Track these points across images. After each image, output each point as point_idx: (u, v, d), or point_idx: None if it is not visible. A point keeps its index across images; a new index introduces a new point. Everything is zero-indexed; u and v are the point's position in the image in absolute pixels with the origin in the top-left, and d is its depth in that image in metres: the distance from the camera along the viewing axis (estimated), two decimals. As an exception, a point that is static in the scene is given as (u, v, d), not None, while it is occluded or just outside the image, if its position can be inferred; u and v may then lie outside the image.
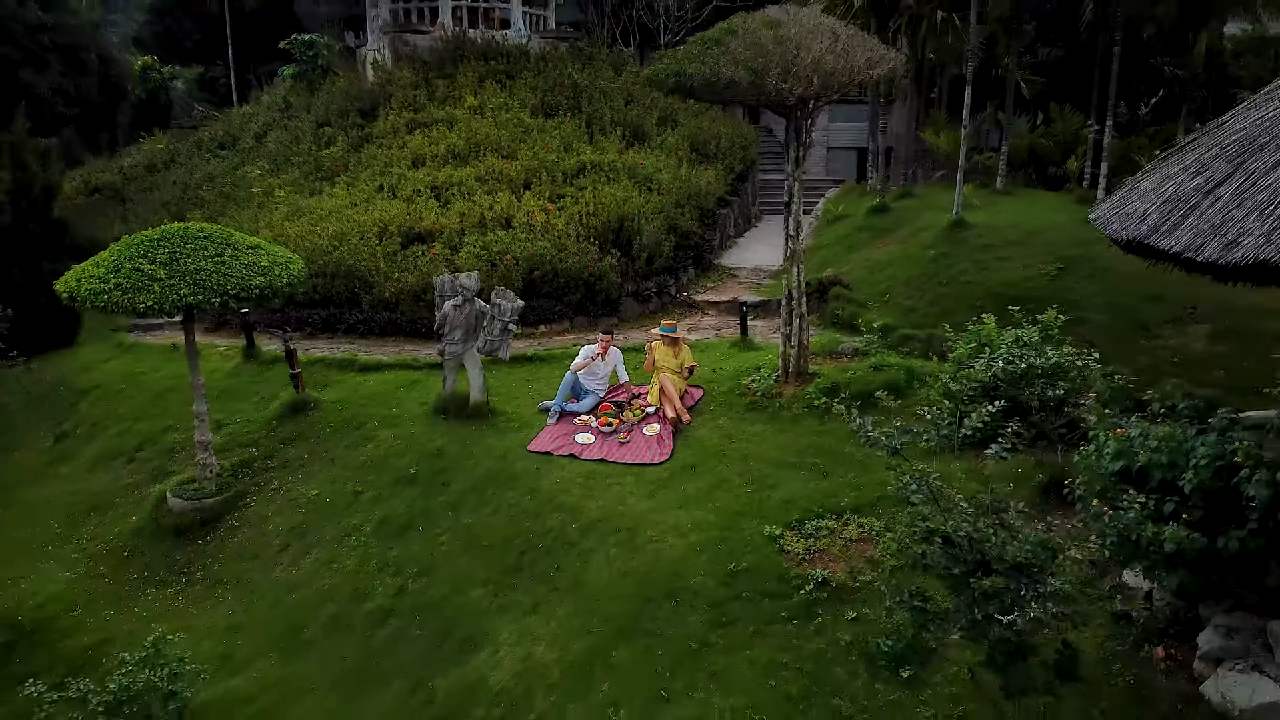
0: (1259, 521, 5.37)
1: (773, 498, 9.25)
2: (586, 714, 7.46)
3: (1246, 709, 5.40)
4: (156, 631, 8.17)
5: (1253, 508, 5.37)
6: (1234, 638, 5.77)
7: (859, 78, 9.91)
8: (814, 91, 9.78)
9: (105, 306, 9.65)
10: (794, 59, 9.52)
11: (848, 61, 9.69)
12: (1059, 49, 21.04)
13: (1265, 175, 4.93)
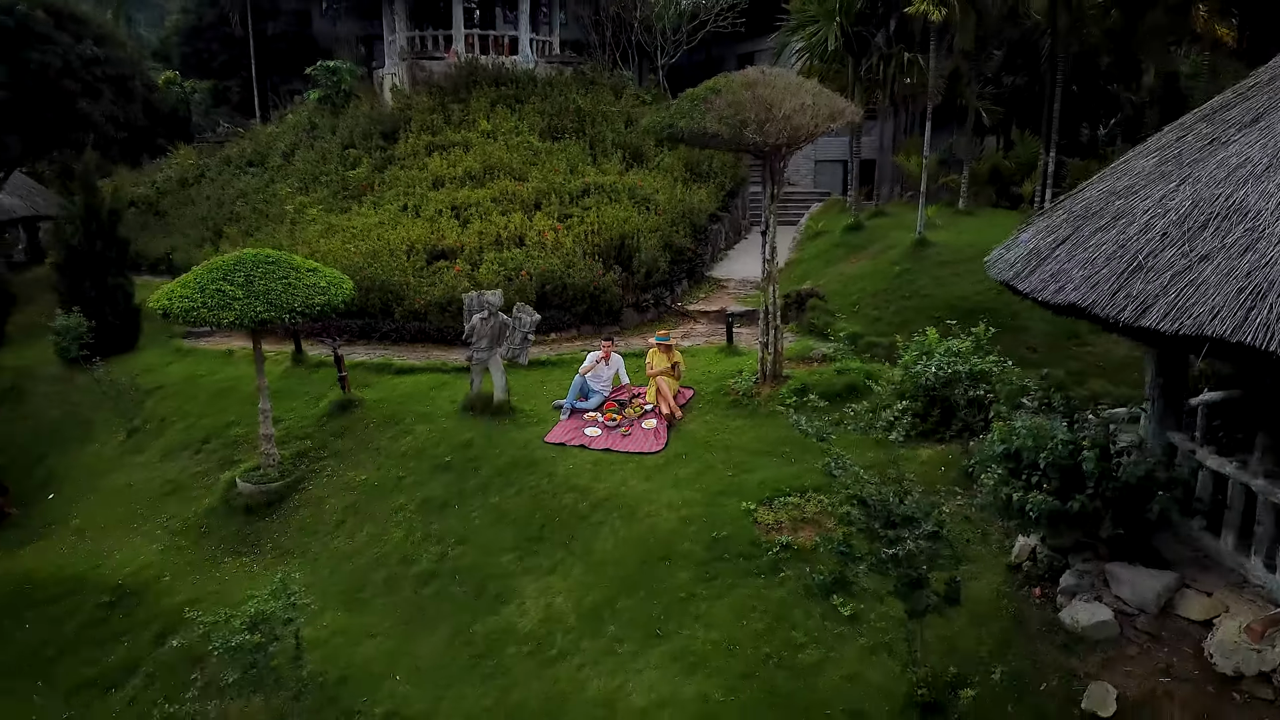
0: (1094, 489, 7.32)
1: (749, 480, 11.20)
2: (597, 649, 9.41)
3: (1087, 626, 7.33)
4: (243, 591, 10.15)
5: (1089, 478, 7.32)
6: (1084, 578, 7.71)
7: (824, 129, 11.85)
8: (785, 141, 11.73)
9: (195, 321, 11.59)
10: (768, 116, 11.46)
11: (813, 116, 11.63)
12: (1022, 77, 22.97)
13: (1089, 239, 6.85)
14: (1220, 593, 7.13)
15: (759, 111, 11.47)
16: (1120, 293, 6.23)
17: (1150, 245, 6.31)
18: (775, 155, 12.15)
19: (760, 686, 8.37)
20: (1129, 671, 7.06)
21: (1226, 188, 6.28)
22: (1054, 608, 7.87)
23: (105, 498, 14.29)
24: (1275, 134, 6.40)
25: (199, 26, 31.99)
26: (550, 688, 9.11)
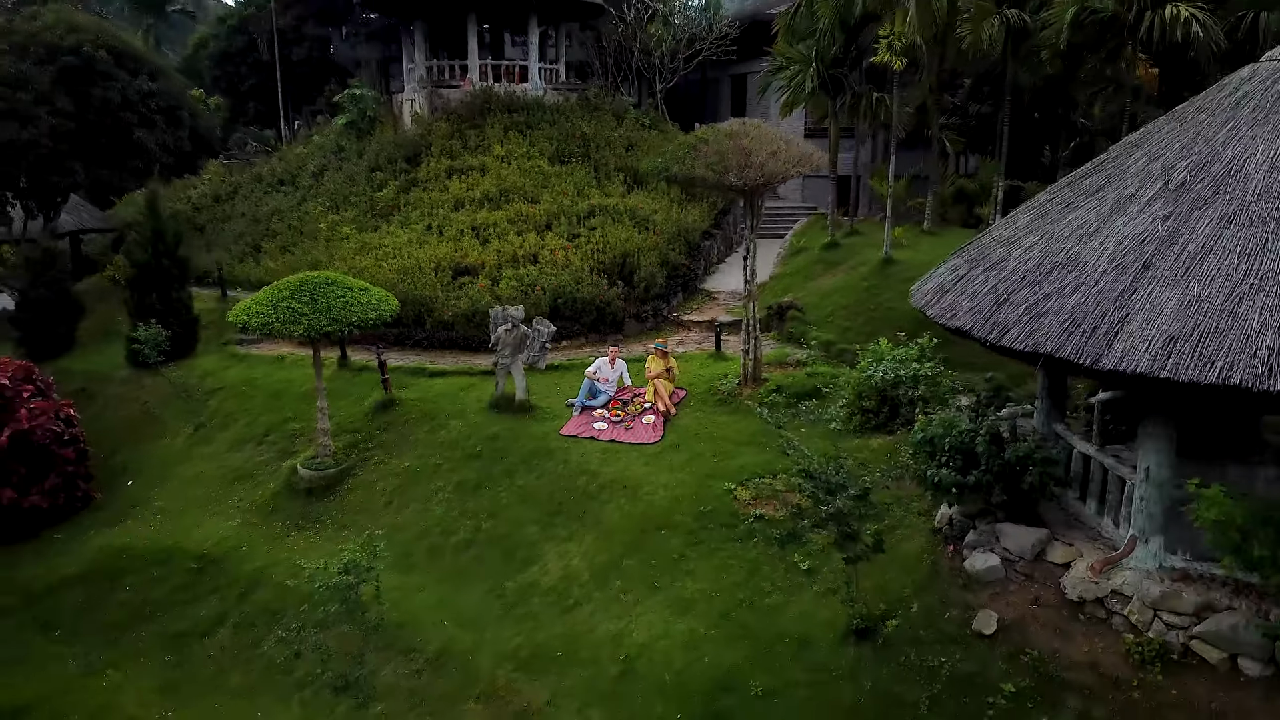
0: (985, 466, 9.63)
1: (730, 465, 13.51)
2: (606, 599, 11.73)
3: (981, 570, 9.63)
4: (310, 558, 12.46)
5: (982, 458, 9.64)
6: (982, 535, 10.02)
7: (794, 173, 14.19)
8: (761, 182, 14.05)
9: (271, 333, 13.90)
10: (747, 162, 13.79)
11: (784, 162, 13.96)
12: (987, 105, 25.28)
13: (976, 278, 9.16)
14: (1079, 544, 9.46)
15: (739, 159, 13.81)
16: (990, 320, 8.54)
17: (1012, 285, 8.62)
18: (754, 194, 14.48)
19: (735, 623, 10.69)
20: (1008, 602, 9.38)
21: (1069, 243, 8.59)
22: (961, 559, 10.18)
23: (180, 484, 16.61)
24: (1106, 203, 8.71)
25: (229, 52, 34.36)
26: (569, 629, 11.44)
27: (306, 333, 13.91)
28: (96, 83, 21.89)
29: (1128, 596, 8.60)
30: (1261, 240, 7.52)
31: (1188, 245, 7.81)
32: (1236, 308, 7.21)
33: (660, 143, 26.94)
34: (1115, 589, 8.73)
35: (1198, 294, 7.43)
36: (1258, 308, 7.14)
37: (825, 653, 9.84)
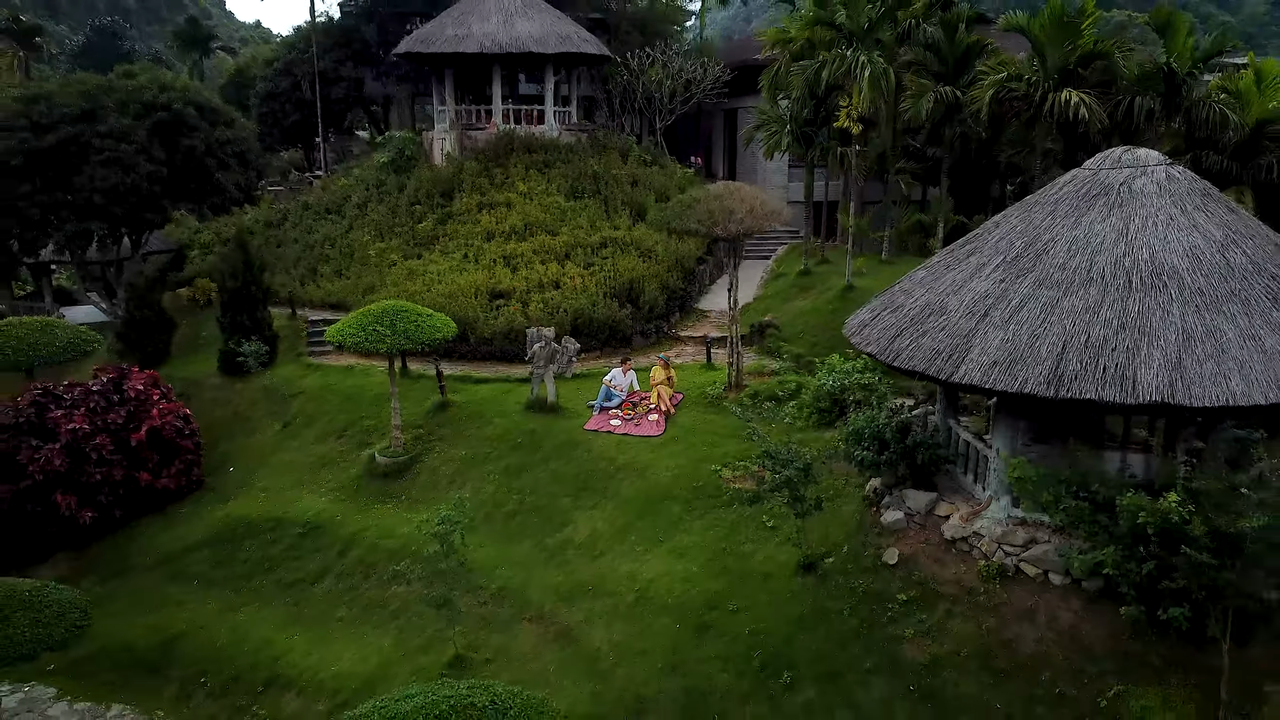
0: (893, 449, 13.69)
1: (717, 452, 17.53)
2: (623, 549, 15.75)
3: (890, 522, 13.66)
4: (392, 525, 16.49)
5: (890, 443, 13.70)
6: (894, 498, 14.05)
7: (766, 227, 18.26)
8: (740, 233, 18.12)
9: (362, 350, 17.93)
10: (729, 218, 17.85)
11: (757, 218, 18.03)
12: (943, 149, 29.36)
13: (883, 318, 13.20)
14: (957, 502, 13.51)
15: (723, 215, 17.89)
16: (889, 348, 12.59)
17: (904, 324, 12.67)
18: (733, 241, 18.54)
19: (718, 564, 14.71)
20: (907, 542, 13.41)
21: (942, 296, 12.64)
22: (879, 515, 14.22)
23: (275, 469, 20.63)
24: (969, 268, 12.77)
25: (275, 92, 38.42)
26: (596, 571, 15.46)
27: (389, 350, 17.95)
28: (184, 133, 25.90)
29: (983, 535, 12.65)
30: (1056, 298, 11.59)
31: (1012, 300, 11.87)
32: (1034, 343, 11.27)
33: (660, 178, 31.16)
34: (976, 531, 12.77)
35: (1013, 334, 11.50)
36: (1046, 343, 11.20)
37: (781, 582, 13.88)
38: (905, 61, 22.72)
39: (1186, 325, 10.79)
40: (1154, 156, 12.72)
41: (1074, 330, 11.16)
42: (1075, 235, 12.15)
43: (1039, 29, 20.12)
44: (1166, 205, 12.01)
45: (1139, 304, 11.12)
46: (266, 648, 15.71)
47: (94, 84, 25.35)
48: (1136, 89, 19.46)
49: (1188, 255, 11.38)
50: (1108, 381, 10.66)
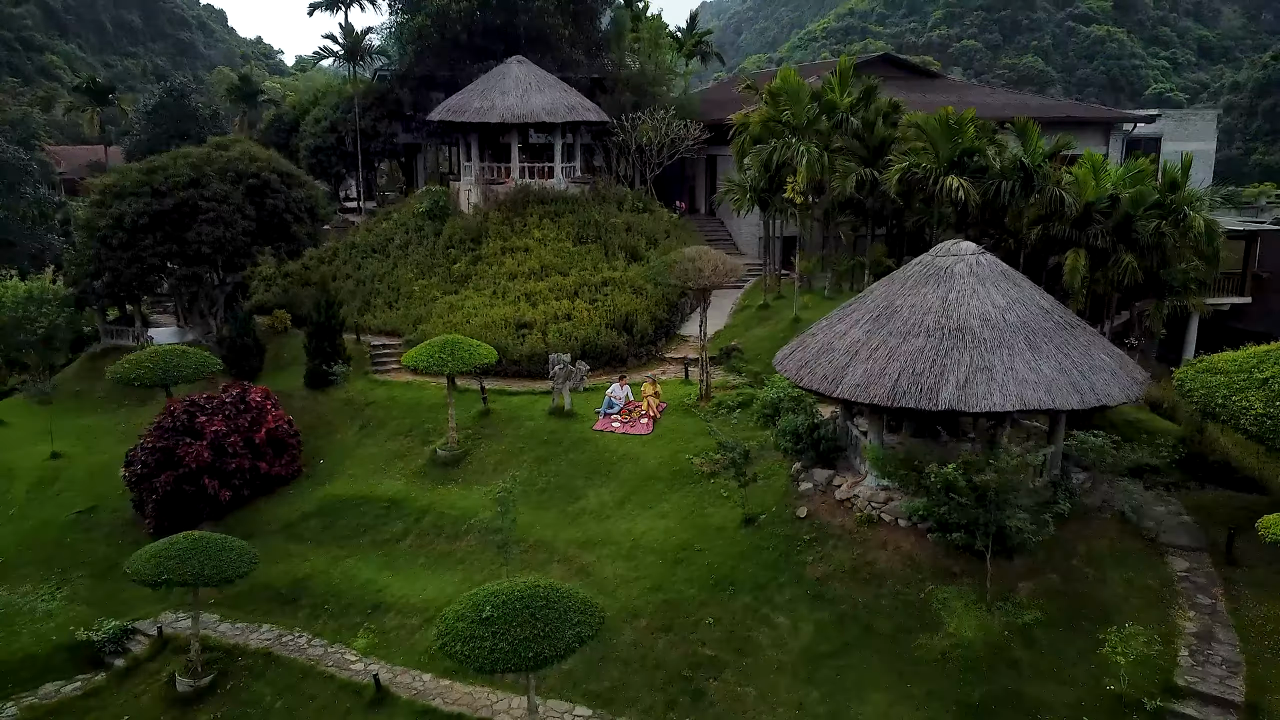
0: (806, 441, 20.35)
1: (690, 446, 24.11)
2: (622, 514, 22.32)
3: (803, 490, 20.27)
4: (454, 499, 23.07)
5: (803, 437, 20.35)
6: (808, 475, 20.67)
7: (728, 281, 24.89)
8: (708, 286, 24.76)
9: (431, 372, 24.49)
10: (699, 274, 24.48)
11: (722, 274, 24.67)
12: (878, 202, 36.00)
13: (799, 352, 19.77)
14: (847, 476, 20.14)
15: (694, 273, 24.53)
16: (798, 373, 19.22)
17: (808, 357, 19.29)
18: (703, 291, 25.20)
19: (688, 522, 21.28)
20: (813, 503, 20.03)
21: (832, 339, 19.26)
22: (797, 486, 20.83)
23: (357, 461, 27.15)
24: (850, 320, 19.39)
25: (322, 146, 45.03)
26: (603, 529, 22.00)
27: (449, 372, 24.52)
28: (269, 194, 32.35)
29: (860, 496, 19.27)
30: (898, 343, 18.23)
31: (873, 344, 18.53)
32: (882, 371, 17.92)
33: (650, 223, 37.82)
34: (856, 494, 19.40)
35: (871, 365, 18.14)
36: (889, 372, 17.84)
37: (730, 531, 20.48)
38: (837, 147, 29.37)
39: (973, 362, 17.45)
40: (970, 248, 19.44)
41: (906, 364, 17.82)
42: (914, 302, 18.82)
43: (933, 129, 26.80)
44: (973, 282, 18.70)
45: (947, 348, 17.79)
46: (369, 585, 22.21)
47: (199, 156, 31.83)
48: (1003, 175, 26.10)
49: (979, 317, 18.07)
50: (923, 396, 17.30)
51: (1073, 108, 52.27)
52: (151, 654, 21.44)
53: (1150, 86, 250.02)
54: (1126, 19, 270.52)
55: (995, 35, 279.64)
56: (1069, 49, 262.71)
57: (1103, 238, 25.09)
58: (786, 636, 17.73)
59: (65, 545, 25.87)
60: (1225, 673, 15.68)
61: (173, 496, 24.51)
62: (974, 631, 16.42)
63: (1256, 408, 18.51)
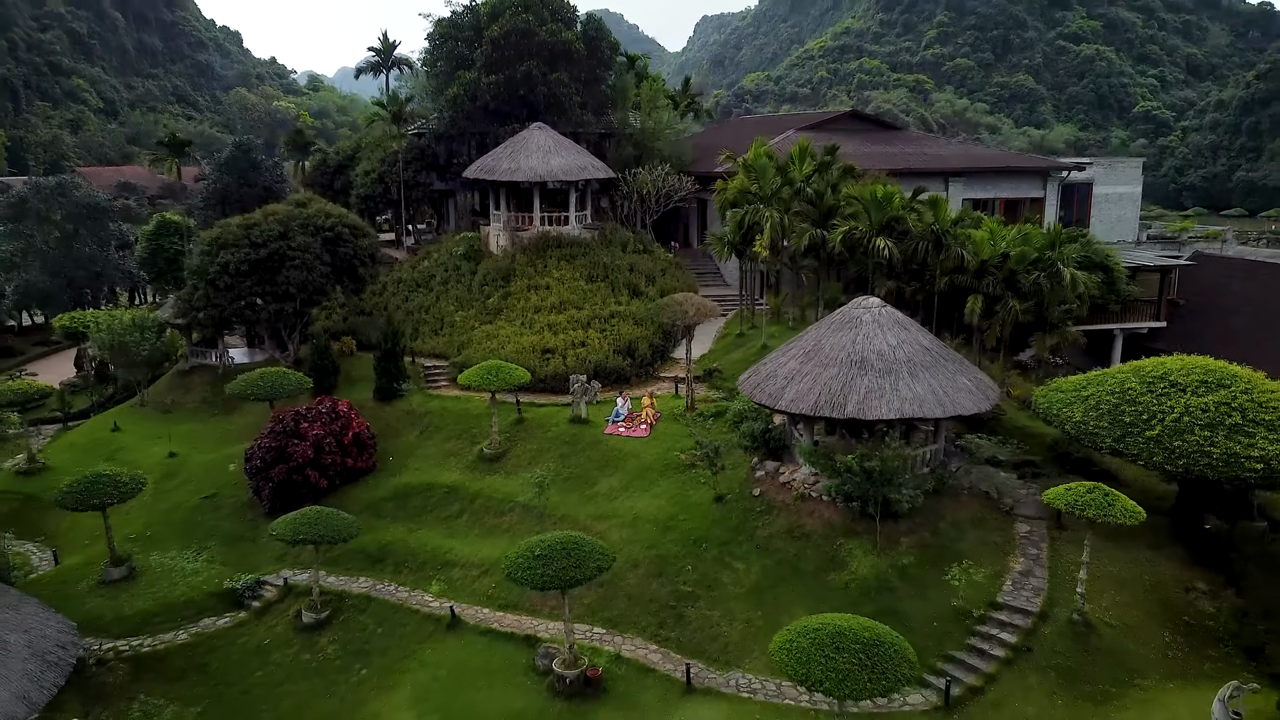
0: (759, 440, 28.07)
1: (679, 445, 31.75)
2: (626, 496, 29.99)
3: (758, 478, 27.96)
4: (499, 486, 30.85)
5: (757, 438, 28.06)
6: (764, 467, 28.36)
7: (707, 319, 32.65)
8: (691, 324, 32.53)
9: (480, 389, 32.26)
10: (684, 314, 32.26)
11: (702, 314, 32.44)
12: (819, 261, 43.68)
13: (756, 375, 27.43)
14: (789, 466, 27.84)
15: (680, 314, 32.31)
16: (753, 392, 26.90)
17: (760, 380, 26.94)
18: (689, 326, 32.97)
19: (675, 500, 28.95)
20: (764, 486, 27.69)
21: (775, 368, 26.92)
22: (754, 475, 28.49)
23: (419, 458, 34.86)
24: (787, 356, 27.05)
25: (371, 195, 52.95)
26: (612, 507, 29.66)
27: (494, 389, 32.24)
28: (341, 244, 40.19)
29: (797, 479, 26.96)
30: (820, 371, 25.93)
31: (804, 372, 26.23)
32: (809, 390, 25.61)
33: (649, 263, 45.53)
34: (794, 479, 27.08)
35: (801, 386, 25.83)
36: (813, 391, 25.52)
37: (705, 507, 28.14)
38: (795, 211, 37.08)
39: (869, 384, 25.16)
40: (875, 303, 27.19)
41: (825, 386, 25.53)
42: (833, 342, 26.56)
43: (867, 200, 34.52)
44: (874, 328, 26.44)
45: (852, 375, 25.50)
46: (437, 548, 29.86)
47: (284, 214, 39.64)
48: (920, 238, 33.77)
49: (876, 353, 25.80)
50: (834, 408, 25.01)
51: (1014, 158, 60.14)
52: (279, 598, 29.14)
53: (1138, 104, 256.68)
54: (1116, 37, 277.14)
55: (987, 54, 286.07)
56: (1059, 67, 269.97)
57: (995, 286, 32.76)
58: (741, 577, 25.40)
59: (196, 522, 33.58)
60: (1032, 594, 23.37)
61: (284, 484, 32.19)
62: (868, 570, 24.14)
63: (1076, 416, 26.21)
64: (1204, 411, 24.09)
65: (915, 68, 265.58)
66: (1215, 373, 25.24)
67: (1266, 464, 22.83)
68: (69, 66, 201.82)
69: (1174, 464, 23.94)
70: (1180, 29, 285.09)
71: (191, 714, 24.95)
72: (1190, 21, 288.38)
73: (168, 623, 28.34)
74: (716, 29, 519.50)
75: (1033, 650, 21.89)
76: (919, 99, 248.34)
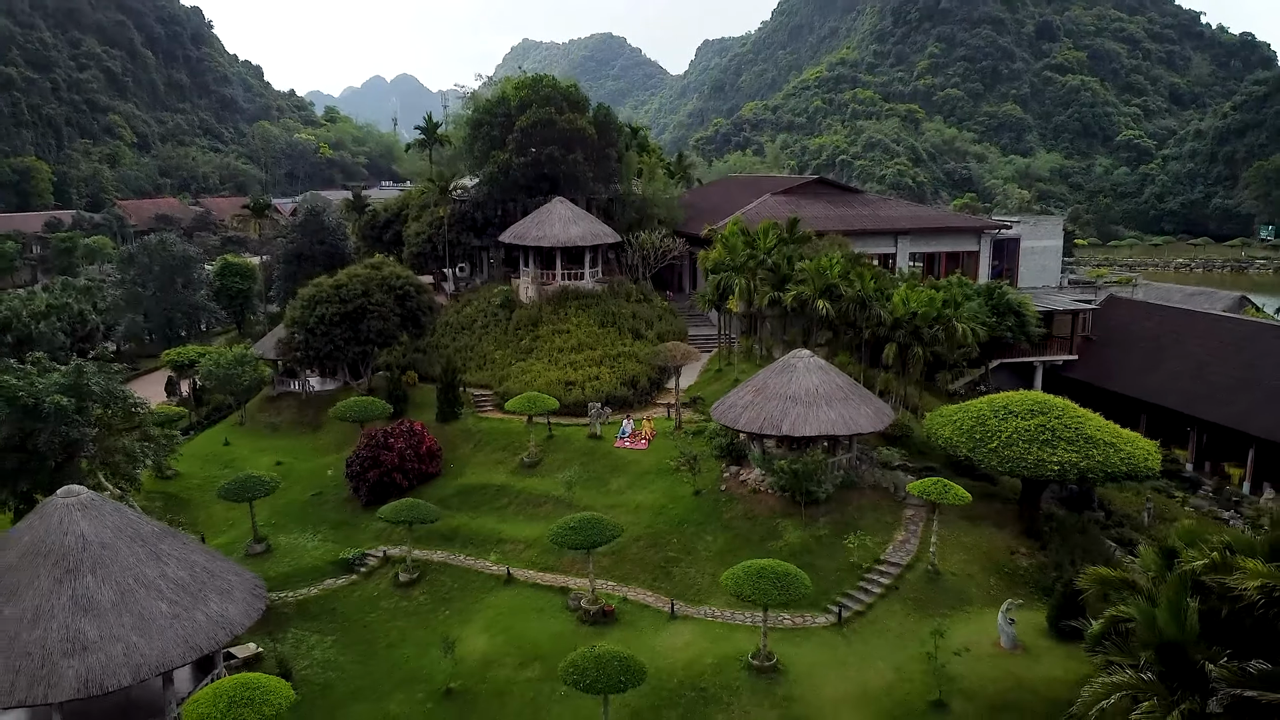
0: (726, 450, 39.39)
1: (669, 454, 42.99)
2: (630, 492, 41.30)
3: (726, 476, 39.20)
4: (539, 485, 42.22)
5: (727, 449, 39.38)
6: (728, 470, 39.62)
7: (689, 361, 44.02)
8: (679, 365, 43.88)
9: (518, 413, 43.63)
10: (671, 359, 43.62)
11: (684, 358, 43.81)
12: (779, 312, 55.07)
13: (722, 406, 38.63)
14: (746, 469, 39.10)
15: (669, 358, 43.72)
16: (723, 417, 38.15)
17: (724, 409, 38.16)
18: (676, 366, 44.32)
19: (665, 494, 40.22)
20: (730, 484, 38.94)
21: (735, 400, 38.20)
22: (725, 476, 39.71)
23: (474, 466, 46.20)
24: (743, 391, 38.33)
25: (420, 253, 64.58)
26: (619, 499, 40.93)
27: (531, 413, 43.58)
28: (409, 298, 51.64)
29: (750, 479, 38.20)
30: (765, 402, 37.19)
31: (756, 403, 37.47)
32: (758, 415, 36.88)
33: (648, 310, 56.99)
34: (751, 478, 38.32)
35: (753, 413, 37.07)
36: (761, 418, 36.78)
37: (687, 499, 39.41)
38: (760, 276, 48.38)
39: (798, 412, 36.44)
40: (805, 354, 38.53)
41: (768, 413, 36.81)
42: (775, 382, 37.85)
43: (812, 271, 45.83)
44: (804, 373, 37.73)
45: (787, 405, 36.77)
46: (493, 530, 41.13)
47: (365, 275, 51.10)
48: (850, 301, 45.04)
49: (804, 390, 37.10)
50: (774, 428, 36.30)
51: (952, 218, 71.81)
52: (380, 565, 40.38)
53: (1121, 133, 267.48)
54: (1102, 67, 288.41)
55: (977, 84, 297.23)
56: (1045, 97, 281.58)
57: (906, 337, 44.10)
58: (710, 546, 36.61)
59: (309, 513, 44.92)
60: (904, 554, 34.55)
61: (377, 484, 43.50)
62: (796, 539, 35.37)
63: (946, 434, 37.44)
64: (1027, 431, 35.31)
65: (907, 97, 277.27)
66: (1041, 403, 36.50)
67: (1061, 466, 34.01)
68: (105, 104, 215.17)
69: (1004, 467, 35.15)
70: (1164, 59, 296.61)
71: (329, 640, 36.08)
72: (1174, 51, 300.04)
73: (301, 582, 39.54)
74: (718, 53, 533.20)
75: (899, 589, 33.07)
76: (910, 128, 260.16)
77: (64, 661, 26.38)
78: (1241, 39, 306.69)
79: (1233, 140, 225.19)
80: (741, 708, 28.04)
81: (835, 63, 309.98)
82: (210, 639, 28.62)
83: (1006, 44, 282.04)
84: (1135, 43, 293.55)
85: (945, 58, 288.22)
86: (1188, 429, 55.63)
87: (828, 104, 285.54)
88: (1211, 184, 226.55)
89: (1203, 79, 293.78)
